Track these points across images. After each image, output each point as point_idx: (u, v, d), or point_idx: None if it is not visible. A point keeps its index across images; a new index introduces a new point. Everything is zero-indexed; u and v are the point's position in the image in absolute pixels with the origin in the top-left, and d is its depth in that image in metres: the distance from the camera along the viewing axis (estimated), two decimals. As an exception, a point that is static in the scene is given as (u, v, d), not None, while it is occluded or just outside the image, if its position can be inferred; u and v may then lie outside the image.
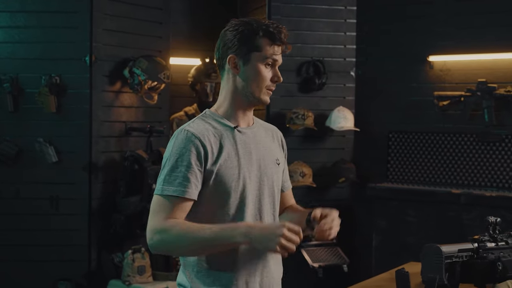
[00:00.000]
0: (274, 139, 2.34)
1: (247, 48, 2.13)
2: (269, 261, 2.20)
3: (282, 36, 2.15)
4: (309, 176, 5.04)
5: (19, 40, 4.44)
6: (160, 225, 2.03)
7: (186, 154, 2.06)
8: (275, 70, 2.17)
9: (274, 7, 5.16)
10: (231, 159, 2.12)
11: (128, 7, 4.64)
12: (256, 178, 2.17)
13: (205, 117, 2.19)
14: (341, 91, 5.34)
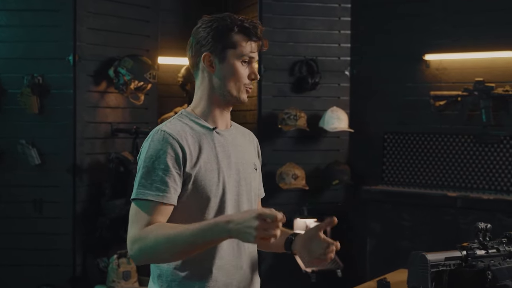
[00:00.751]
0: (251, 143, 2.25)
1: (222, 45, 2.02)
2: (244, 269, 2.10)
3: (258, 31, 2.05)
4: (301, 178, 4.91)
5: (0, 39, 4.32)
6: (137, 234, 1.89)
7: (163, 156, 1.95)
8: (252, 67, 2.07)
9: (266, 5, 5.04)
10: (210, 162, 2.01)
11: (114, 5, 4.52)
12: (235, 183, 2.07)
13: (181, 118, 2.08)
14: (335, 91, 5.21)
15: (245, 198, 2.11)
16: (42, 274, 4.34)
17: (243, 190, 2.10)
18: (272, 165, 4.98)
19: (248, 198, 2.12)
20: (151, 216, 1.90)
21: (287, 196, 5.04)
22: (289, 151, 5.10)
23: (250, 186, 2.14)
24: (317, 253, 2.11)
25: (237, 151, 2.11)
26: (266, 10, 5.03)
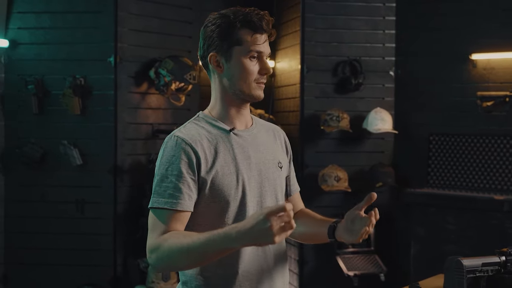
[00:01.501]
0: (276, 140, 2.17)
1: (227, 43, 1.95)
2: (271, 272, 2.04)
3: (263, 23, 1.96)
4: (344, 180, 4.83)
5: (44, 42, 4.39)
6: (154, 243, 1.85)
7: (176, 162, 1.90)
8: (262, 61, 1.98)
9: (308, 5, 4.97)
10: (228, 165, 1.95)
11: (155, 6, 4.53)
12: (256, 184, 2.01)
13: (198, 121, 2.03)
14: (380, 91, 5.10)
15: (269, 200, 2.04)
16: (83, 274, 4.38)
17: (267, 191, 2.03)
18: (314, 167, 4.92)
19: (272, 200, 2.05)
20: (167, 224, 1.86)
21: (329, 198, 4.96)
22: (332, 152, 5.02)
23: (275, 186, 2.07)
24: (360, 232, 2.09)
25: (258, 151, 2.05)
26: (308, 10, 4.96)
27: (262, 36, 1.97)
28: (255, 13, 1.97)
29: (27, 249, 4.43)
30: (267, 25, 1.97)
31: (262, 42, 1.96)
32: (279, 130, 2.22)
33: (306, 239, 2.27)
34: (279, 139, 2.19)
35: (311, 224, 2.21)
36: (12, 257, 4.44)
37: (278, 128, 2.23)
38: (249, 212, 1.97)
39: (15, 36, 4.38)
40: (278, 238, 1.66)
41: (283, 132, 2.24)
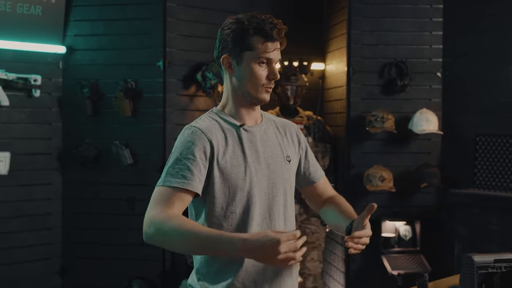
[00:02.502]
0: (287, 134, 2.29)
1: (240, 48, 2.10)
2: (279, 270, 2.15)
3: (274, 32, 2.09)
4: (389, 180, 4.88)
5: (98, 47, 4.64)
6: (158, 216, 1.95)
7: (191, 147, 2.04)
8: (271, 67, 2.11)
9: (355, 8, 5.05)
10: (236, 157, 2.10)
11: (202, 12, 4.71)
12: (265, 177, 2.14)
13: (211, 115, 2.19)
14: (427, 92, 5.12)
15: (278, 192, 2.17)
16: (134, 268, 4.60)
17: (275, 183, 2.16)
18: (361, 167, 4.99)
19: (281, 192, 2.18)
20: (172, 200, 1.97)
21: (375, 198, 5.01)
22: (378, 153, 5.07)
23: (283, 178, 2.19)
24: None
25: (266, 146, 2.17)
26: (355, 13, 5.03)
27: (272, 44, 2.10)
28: (268, 21, 2.10)
29: (82, 244, 4.69)
30: (278, 34, 2.10)
31: (272, 50, 2.10)
32: (290, 125, 2.33)
33: (333, 228, 2.40)
34: (290, 134, 2.30)
35: (335, 217, 2.34)
36: (68, 251, 4.71)
37: (290, 124, 2.34)
38: (255, 203, 2.10)
39: (72, 43, 4.65)
40: (278, 263, 1.82)
41: (296, 126, 2.35)
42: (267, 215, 2.14)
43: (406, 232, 5.03)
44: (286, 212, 2.20)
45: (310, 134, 5.10)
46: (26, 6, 4.36)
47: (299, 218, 5.07)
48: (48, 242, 4.65)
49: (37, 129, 4.58)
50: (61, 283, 4.73)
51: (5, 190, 4.43)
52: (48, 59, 4.60)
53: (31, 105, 4.53)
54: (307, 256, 5.11)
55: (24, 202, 4.53)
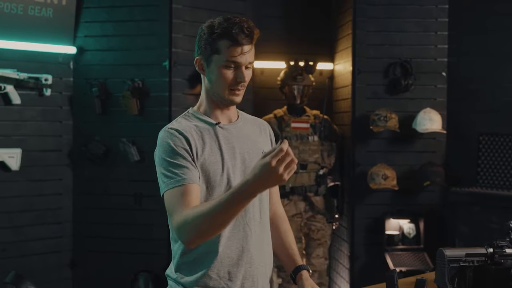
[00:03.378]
0: (262, 132, 2.38)
1: (209, 51, 2.17)
2: (251, 252, 2.23)
3: (240, 37, 2.11)
4: (392, 179, 4.95)
5: (107, 48, 4.79)
6: (179, 219, 2.03)
7: (174, 149, 2.11)
8: (238, 71, 2.16)
9: (360, 9, 5.12)
10: (214, 154, 2.18)
11: (207, 14, 4.82)
12: (240, 172, 2.22)
13: (187, 116, 2.28)
14: (432, 92, 5.17)
15: None
16: (141, 262, 4.74)
17: None
18: (365, 166, 5.06)
19: None
20: (183, 200, 2.04)
21: (379, 196, 5.09)
22: (383, 152, 5.14)
23: None
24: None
25: (242, 142, 2.25)
26: (359, 14, 5.11)
27: (238, 48, 2.12)
28: (237, 25, 2.11)
29: (92, 237, 4.84)
30: (245, 38, 2.11)
31: (238, 54, 2.12)
32: (265, 124, 2.43)
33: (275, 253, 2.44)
34: (265, 132, 2.39)
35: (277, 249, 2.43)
36: (78, 245, 4.87)
37: (264, 122, 2.44)
38: None
39: (82, 44, 4.81)
40: (287, 176, 1.87)
41: (269, 125, 2.45)
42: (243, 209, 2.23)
43: (410, 230, 5.08)
44: (261, 206, 2.29)
45: (316, 133, 5.19)
46: (38, 9, 4.53)
47: (304, 215, 5.16)
48: (59, 236, 4.81)
49: (48, 126, 4.74)
50: (71, 275, 4.89)
51: (17, 185, 4.60)
52: (59, 59, 4.76)
53: (43, 104, 4.69)
54: (312, 253, 5.20)
55: (36, 197, 4.70)
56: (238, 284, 2.22)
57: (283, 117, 5.23)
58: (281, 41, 5.72)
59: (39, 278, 4.71)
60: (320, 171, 5.16)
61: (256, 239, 2.27)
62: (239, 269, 2.21)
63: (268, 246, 2.36)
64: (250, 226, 2.24)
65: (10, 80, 4.43)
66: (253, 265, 2.25)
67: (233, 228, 2.20)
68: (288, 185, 5.09)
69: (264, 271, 2.31)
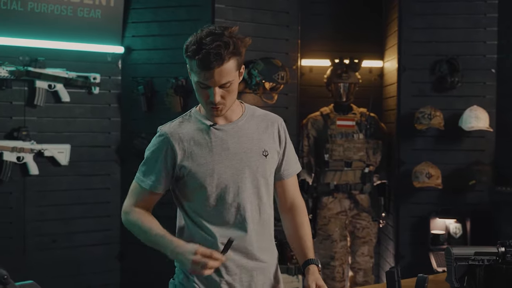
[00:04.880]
0: (268, 129, 2.40)
1: (188, 65, 2.23)
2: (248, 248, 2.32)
3: (207, 63, 2.11)
4: (436, 177, 4.89)
5: (153, 47, 4.92)
6: (127, 208, 2.37)
7: (156, 151, 2.30)
8: (210, 91, 2.18)
9: (405, 6, 5.08)
10: (204, 156, 2.27)
11: (250, 12, 4.89)
12: (235, 171, 2.29)
13: (187, 117, 2.37)
14: (481, 89, 5.08)
15: (249, 185, 2.32)
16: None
17: (247, 177, 2.30)
18: (410, 164, 5.02)
19: (253, 185, 2.33)
20: (138, 197, 2.36)
21: (425, 195, 5.04)
22: (429, 150, 5.08)
23: (256, 172, 2.33)
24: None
25: (240, 142, 2.31)
26: (405, 10, 5.08)
27: (206, 73, 2.14)
28: (204, 51, 2.11)
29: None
30: (212, 62, 2.11)
31: (205, 78, 2.15)
32: (274, 121, 2.44)
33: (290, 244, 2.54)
34: (272, 129, 2.41)
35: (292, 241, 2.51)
36: (126, 237, 5.02)
37: (275, 118, 2.46)
38: (228, 195, 2.27)
39: (130, 43, 4.97)
40: (191, 270, 2.15)
41: (280, 122, 2.46)
42: (240, 206, 2.30)
43: (456, 229, 5.01)
44: (260, 204, 2.35)
45: (362, 131, 5.17)
46: (86, 10, 4.73)
47: (349, 213, 5.16)
48: (107, 228, 4.99)
49: (97, 123, 4.93)
50: (119, 266, 5.06)
51: (67, 179, 4.81)
52: (108, 58, 4.93)
53: (92, 101, 4.88)
54: (357, 251, 5.19)
55: (85, 191, 4.90)
56: (236, 278, 2.31)
57: (329, 114, 5.25)
58: (330, 39, 5.73)
59: (88, 269, 4.91)
60: (365, 169, 5.15)
61: (255, 236, 2.33)
62: (238, 269, 2.30)
63: (270, 243, 2.42)
64: (248, 224, 2.31)
65: (59, 79, 4.65)
66: (251, 261, 2.33)
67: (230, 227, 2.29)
68: (332, 183, 5.10)
69: (265, 267, 2.38)
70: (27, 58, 4.59)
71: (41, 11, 4.57)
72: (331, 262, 5.11)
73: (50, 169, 4.73)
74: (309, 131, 5.23)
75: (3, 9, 4.42)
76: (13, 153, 4.50)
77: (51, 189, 4.76)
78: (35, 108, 4.66)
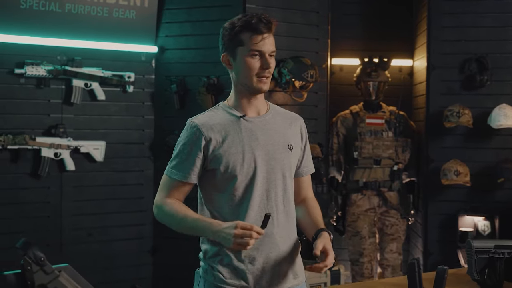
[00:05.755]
0: (292, 126, 2.50)
1: (233, 45, 2.36)
2: (275, 238, 2.38)
3: (260, 26, 2.31)
4: (464, 175, 4.92)
5: (186, 47, 5.05)
6: (159, 201, 2.42)
7: (188, 143, 2.37)
8: (263, 58, 2.34)
9: (435, 5, 5.12)
10: (235, 145, 2.35)
11: (281, 12, 4.98)
12: (263, 162, 2.37)
13: (216, 109, 2.47)
14: (509, 87, 5.10)
15: (276, 176, 2.40)
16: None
17: (273, 168, 2.39)
18: (439, 162, 5.06)
19: (279, 176, 2.41)
20: (170, 190, 2.41)
21: (454, 192, 5.08)
22: (458, 148, 5.12)
23: (282, 164, 2.41)
24: None
25: (267, 134, 2.40)
26: (434, 9, 5.12)
27: (259, 37, 2.32)
28: (255, 18, 2.33)
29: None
30: (264, 27, 2.32)
31: (259, 41, 2.32)
32: (297, 119, 2.55)
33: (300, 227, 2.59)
34: (295, 126, 2.51)
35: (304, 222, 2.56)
36: (159, 232, 5.16)
37: (297, 117, 2.56)
38: (256, 185, 2.35)
39: (163, 43, 5.10)
40: (233, 247, 2.18)
41: (302, 121, 2.57)
42: (265, 197, 2.38)
43: (485, 227, 5.04)
44: (285, 196, 2.43)
45: (391, 129, 5.23)
46: (122, 11, 4.87)
47: (378, 210, 5.22)
48: (141, 223, 5.14)
49: (131, 121, 5.08)
50: (152, 260, 5.20)
51: (102, 175, 4.97)
52: (142, 58, 5.08)
53: (126, 100, 5.03)
54: (386, 248, 5.25)
55: (119, 187, 5.05)
56: (259, 267, 2.38)
57: (358, 113, 5.31)
58: (361, 39, 5.79)
59: (122, 262, 5.06)
60: (394, 166, 5.20)
61: (280, 226, 2.41)
62: (260, 253, 2.37)
63: (294, 234, 2.50)
64: (273, 214, 2.38)
65: (95, 77, 4.81)
66: (276, 250, 2.40)
67: (256, 215, 2.35)
68: (361, 180, 5.17)
69: (288, 258, 2.44)
70: (64, 58, 4.77)
71: (78, 12, 4.73)
72: (360, 259, 5.18)
73: (86, 165, 4.89)
74: (338, 129, 5.30)
75: (42, 10, 4.59)
76: (50, 150, 4.67)
77: (87, 184, 4.93)
78: (72, 106, 4.83)
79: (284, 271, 2.43)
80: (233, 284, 2.37)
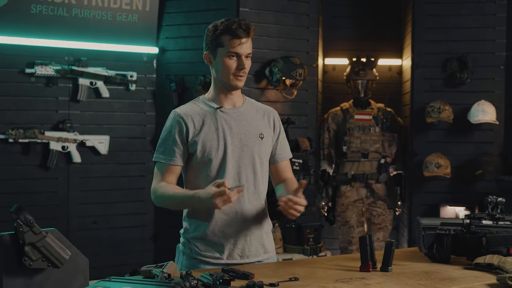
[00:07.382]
0: (265, 117, 2.81)
1: (214, 45, 2.65)
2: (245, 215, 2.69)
3: (239, 31, 2.58)
4: (445, 167, 5.23)
5: (184, 48, 5.41)
6: (154, 186, 2.70)
7: (172, 130, 2.68)
8: (240, 60, 2.62)
9: (419, 8, 5.43)
10: (211, 132, 2.67)
11: (274, 15, 5.31)
12: (235, 148, 2.69)
13: (196, 101, 2.79)
14: (490, 85, 5.40)
15: (247, 161, 2.71)
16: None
17: (244, 153, 2.70)
18: (423, 155, 5.37)
19: (249, 161, 2.72)
20: (163, 174, 2.67)
21: (436, 185, 5.39)
22: (440, 142, 5.43)
23: (253, 151, 2.72)
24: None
25: (241, 124, 2.71)
26: (417, 13, 5.43)
27: (237, 41, 2.60)
28: (236, 23, 2.60)
29: (171, 214, 5.39)
30: (243, 32, 2.60)
31: (237, 45, 2.60)
32: (270, 111, 2.86)
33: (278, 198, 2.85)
34: (268, 118, 2.82)
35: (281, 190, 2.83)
36: (160, 220, 5.52)
37: (270, 110, 2.87)
38: (228, 168, 2.67)
39: (163, 44, 5.47)
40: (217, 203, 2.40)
41: (275, 113, 2.88)
42: (237, 178, 2.69)
43: (465, 216, 5.32)
44: (256, 178, 2.74)
45: (378, 124, 5.53)
46: (125, 15, 5.25)
47: (366, 201, 5.53)
48: (142, 212, 5.50)
49: (134, 117, 5.45)
50: (153, 247, 5.56)
51: (106, 167, 5.35)
52: (144, 58, 5.46)
53: (129, 97, 5.41)
54: (373, 237, 5.54)
55: (122, 178, 5.43)
56: (231, 241, 2.70)
57: (348, 109, 5.63)
58: (353, 39, 6.11)
59: (125, 248, 5.43)
60: (381, 160, 5.51)
61: (251, 205, 2.73)
62: (232, 229, 2.69)
63: (264, 213, 2.80)
64: (244, 194, 2.69)
65: (100, 76, 5.19)
66: (246, 226, 2.71)
67: None
68: (350, 172, 5.49)
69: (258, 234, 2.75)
70: (71, 58, 5.18)
71: (84, 16, 5.11)
72: (348, 247, 5.49)
73: (91, 158, 5.28)
74: (329, 124, 5.62)
75: (51, 15, 4.97)
76: (58, 143, 5.05)
77: (92, 175, 5.31)
78: (78, 103, 5.23)
79: (255, 245, 2.74)
80: (207, 256, 2.70)
